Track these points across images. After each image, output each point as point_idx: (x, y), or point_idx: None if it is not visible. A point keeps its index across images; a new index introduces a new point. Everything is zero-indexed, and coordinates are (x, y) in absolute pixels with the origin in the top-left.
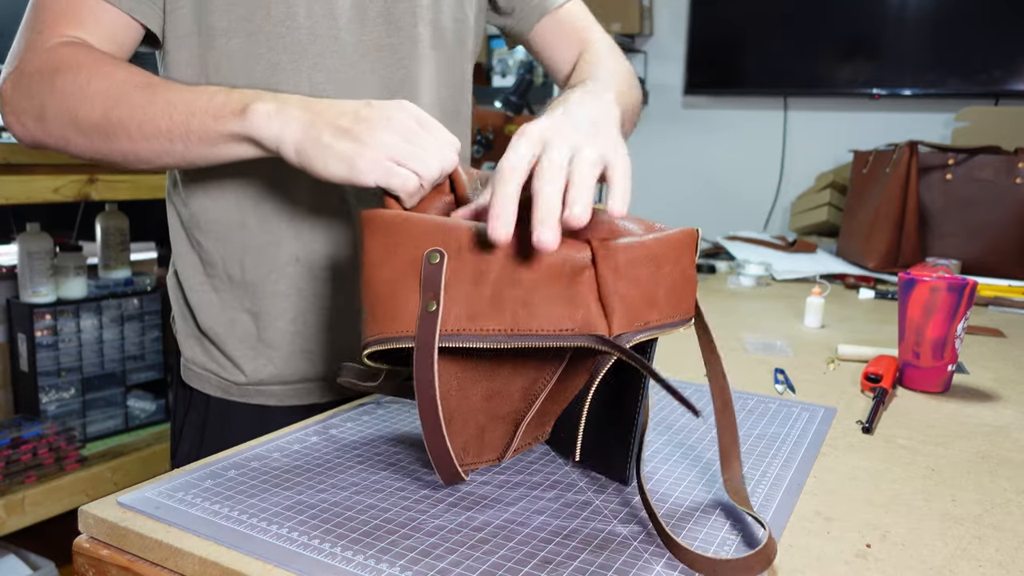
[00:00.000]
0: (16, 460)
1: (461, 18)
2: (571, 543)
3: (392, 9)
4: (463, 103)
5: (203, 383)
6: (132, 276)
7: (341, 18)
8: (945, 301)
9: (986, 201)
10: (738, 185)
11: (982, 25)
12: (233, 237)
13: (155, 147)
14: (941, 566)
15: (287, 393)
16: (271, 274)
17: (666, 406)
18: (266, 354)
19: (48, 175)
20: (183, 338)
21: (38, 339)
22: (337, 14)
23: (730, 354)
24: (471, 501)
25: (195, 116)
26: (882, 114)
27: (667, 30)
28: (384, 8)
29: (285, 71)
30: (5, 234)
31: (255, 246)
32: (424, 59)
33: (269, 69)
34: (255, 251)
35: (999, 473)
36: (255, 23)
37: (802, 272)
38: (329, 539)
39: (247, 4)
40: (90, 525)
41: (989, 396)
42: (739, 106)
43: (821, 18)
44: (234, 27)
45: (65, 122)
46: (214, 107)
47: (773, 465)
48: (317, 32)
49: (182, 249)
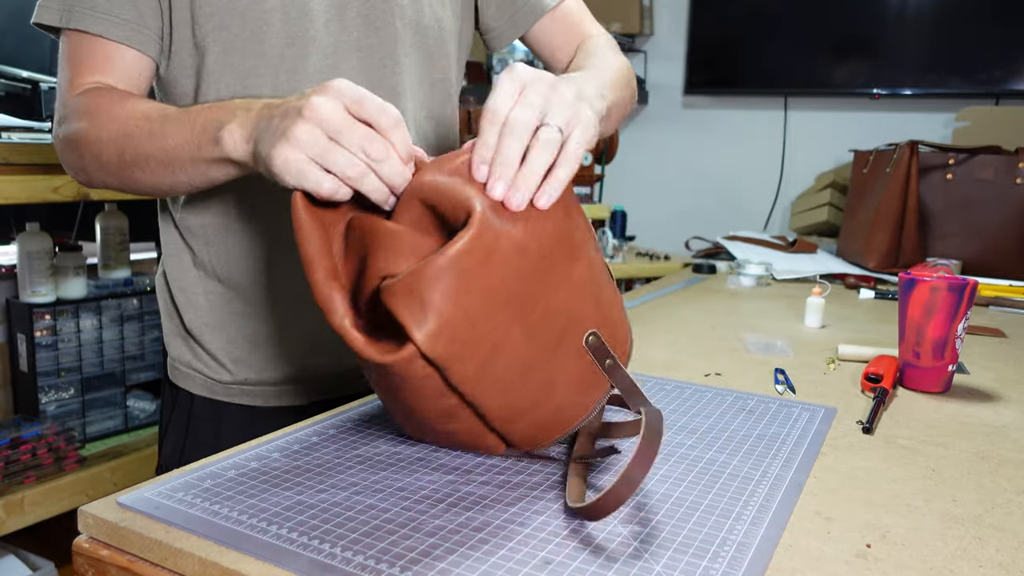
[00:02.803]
0: (16, 460)
1: (442, 17)
2: (571, 543)
3: (371, 10)
4: (448, 104)
5: (189, 382)
6: (132, 276)
7: (318, 20)
8: (945, 301)
9: (986, 201)
10: (738, 185)
11: (982, 25)
12: (220, 239)
13: (166, 179)
14: (941, 566)
15: (273, 393)
16: (258, 276)
17: (666, 407)
18: (252, 354)
19: (48, 175)
20: (170, 337)
21: (37, 339)
22: (314, 16)
23: (731, 354)
24: (471, 501)
25: (184, 147)
26: (882, 114)
27: (667, 30)
28: (363, 9)
29: (264, 76)
30: (5, 234)
31: (242, 248)
32: (405, 59)
33: (251, 75)
34: (242, 253)
35: (999, 473)
36: (232, 32)
37: (802, 272)
38: (329, 539)
39: (222, 14)
40: (90, 525)
41: (990, 396)
42: (739, 106)
43: (821, 18)
44: (212, 37)
45: (100, 168)
46: (196, 136)
47: (773, 465)
48: (294, 35)
49: (171, 249)
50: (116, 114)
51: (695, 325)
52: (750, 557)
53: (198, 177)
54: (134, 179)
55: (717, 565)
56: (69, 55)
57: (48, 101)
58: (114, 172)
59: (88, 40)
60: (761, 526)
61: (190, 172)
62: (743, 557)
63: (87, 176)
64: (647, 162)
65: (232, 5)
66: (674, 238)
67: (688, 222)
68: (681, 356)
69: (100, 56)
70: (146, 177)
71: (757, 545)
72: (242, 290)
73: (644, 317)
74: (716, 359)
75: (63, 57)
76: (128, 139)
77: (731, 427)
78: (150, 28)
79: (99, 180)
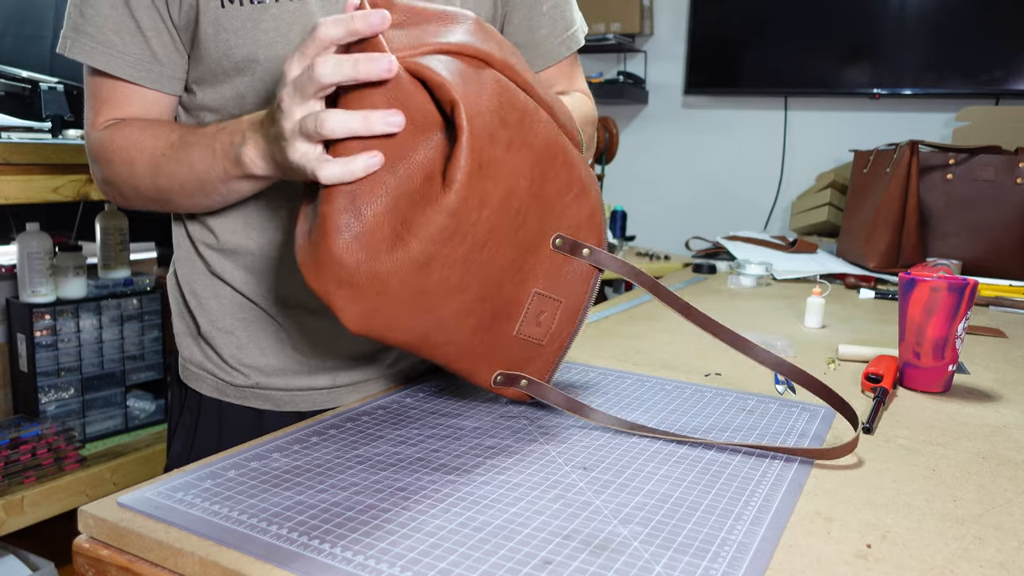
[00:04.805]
0: (15, 460)
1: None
2: (571, 543)
3: None
4: None
5: (200, 383)
6: (132, 276)
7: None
8: (946, 301)
9: (987, 201)
10: (738, 185)
11: (982, 25)
12: (234, 246)
13: (203, 200)
14: (941, 566)
15: (283, 399)
16: (270, 283)
17: (666, 407)
18: (263, 360)
19: (48, 175)
20: (181, 338)
21: (37, 339)
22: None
23: (731, 354)
24: (471, 501)
25: (212, 171)
26: (882, 114)
27: (667, 30)
28: None
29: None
30: (4, 234)
31: (256, 256)
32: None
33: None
34: (256, 261)
35: (1000, 473)
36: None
37: (802, 272)
38: (329, 539)
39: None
40: (90, 525)
41: (990, 396)
42: (739, 106)
43: (821, 18)
44: (229, 71)
45: (141, 198)
46: (219, 160)
47: (773, 465)
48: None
49: (182, 253)
50: (143, 146)
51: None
52: (750, 557)
53: (232, 194)
54: (174, 203)
55: (717, 565)
56: (91, 89)
57: (48, 101)
58: (156, 199)
59: (104, 75)
60: (761, 526)
61: (223, 192)
62: (743, 557)
63: (134, 206)
64: (647, 162)
65: (257, 39)
66: (674, 238)
67: (688, 222)
68: (681, 356)
69: (119, 94)
70: (184, 200)
71: (757, 545)
72: (254, 297)
73: (644, 317)
74: (716, 359)
75: (86, 88)
76: (159, 169)
77: (731, 427)
78: (164, 65)
79: (144, 207)
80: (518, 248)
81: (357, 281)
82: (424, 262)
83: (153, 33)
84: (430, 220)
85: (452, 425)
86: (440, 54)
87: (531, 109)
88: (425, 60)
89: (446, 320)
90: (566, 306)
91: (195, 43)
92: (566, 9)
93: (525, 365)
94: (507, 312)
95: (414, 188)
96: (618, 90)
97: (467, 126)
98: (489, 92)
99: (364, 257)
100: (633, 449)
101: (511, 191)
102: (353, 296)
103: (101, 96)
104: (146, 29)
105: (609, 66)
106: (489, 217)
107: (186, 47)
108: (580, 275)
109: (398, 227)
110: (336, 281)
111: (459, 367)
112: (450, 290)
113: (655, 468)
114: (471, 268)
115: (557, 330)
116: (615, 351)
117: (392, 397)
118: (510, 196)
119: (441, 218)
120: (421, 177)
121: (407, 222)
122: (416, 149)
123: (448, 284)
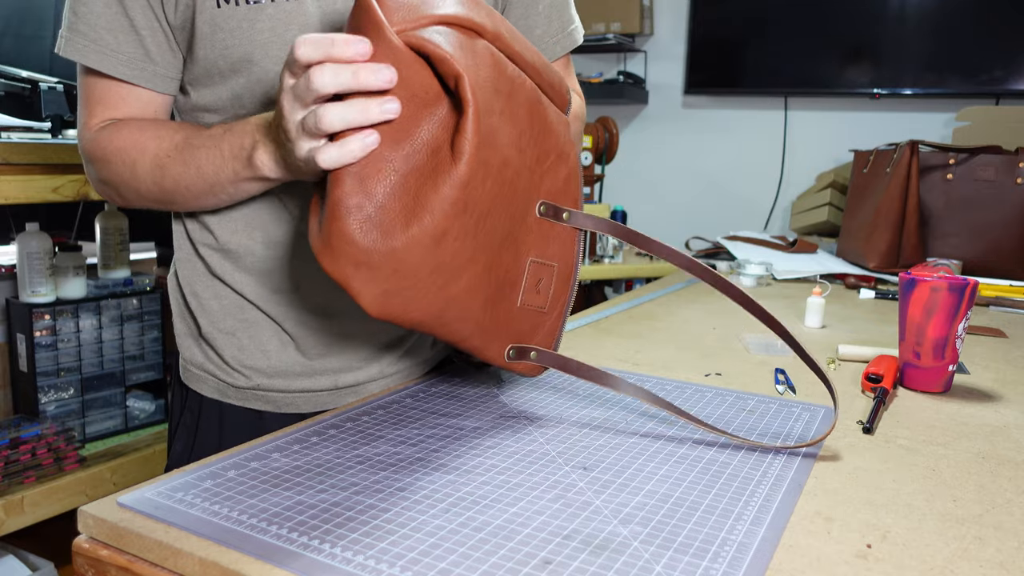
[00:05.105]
0: (15, 460)
1: None
2: (571, 543)
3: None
4: None
5: (200, 384)
6: (131, 276)
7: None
8: (946, 301)
9: (987, 201)
10: (738, 185)
11: (982, 25)
12: (235, 247)
13: (210, 200)
14: (942, 566)
15: (284, 400)
16: (271, 286)
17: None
18: (264, 361)
19: (47, 175)
20: (182, 339)
21: (37, 339)
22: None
23: (731, 354)
24: (471, 501)
25: (221, 172)
26: (882, 114)
27: (667, 30)
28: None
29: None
30: (4, 234)
31: (257, 257)
32: None
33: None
34: (257, 262)
35: (1000, 473)
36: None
37: (802, 272)
38: (329, 539)
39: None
40: (89, 525)
41: (990, 396)
42: (739, 106)
43: (821, 18)
44: (225, 71)
45: (141, 198)
46: (228, 162)
47: (773, 465)
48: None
49: (183, 254)
50: (145, 147)
51: (695, 325)
52: (750, 557)
53: (241, 194)
54: (178, 204)
55: (717, 565)
56: (84, 89)
57: (48, 101)
58: (158, 200)
59: (98, 74)
60: (761, 526)
61: (231, 192)
62: (743, 557)
63: (131, 205)
64: (647, 162)
65: (253, 38)
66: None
67: (688, 222)
68: (681, 356)
69: (113, 93)
70: (190, 201)
71: (757, 545)
72: (255, 298)
73: (644, 317)
74: (716, 359)
75: (79, 88)
76: (164, 171)
77: (731, 427)
78: (158, 64)
79: (144, 207)
80: (511, 218)
81: (374, 261)
82: (439, 236)
83: (147, 32)
84: (442, 194)
85: (452, 425)
86: (438, 25)
87: (518, 78)
88: (426, 33)
89: (459, 296)
90: (559, 270)
91: (191, 43)
92: (563, 8)
93: (531, 336)
94: (510, 282)
95: (422, 163)
96: (618, 90)
97: (471, 98)
98: (485, 63)
99: (379, 236)
100: (633, 449)
101: (505, 161)
102: (371, 277)
103: (95, 95)
104: (140, 28)
105: (609, 66)
106: (491, 188)
107: (181, 47)
108: (566, 239)
109: (410, 203)
110: (353, 264)
111: (471, 344)
112: (463, 264)
113: (655, 468)
114: (479, 240)
115: (555, 296)
116: (615, 351)
117: (392, 397)
118: (505, 166)
119: (454, 191)
120: (428, 152)
121: (419, 197)
122: (420, 124)
123: (461, 258)
